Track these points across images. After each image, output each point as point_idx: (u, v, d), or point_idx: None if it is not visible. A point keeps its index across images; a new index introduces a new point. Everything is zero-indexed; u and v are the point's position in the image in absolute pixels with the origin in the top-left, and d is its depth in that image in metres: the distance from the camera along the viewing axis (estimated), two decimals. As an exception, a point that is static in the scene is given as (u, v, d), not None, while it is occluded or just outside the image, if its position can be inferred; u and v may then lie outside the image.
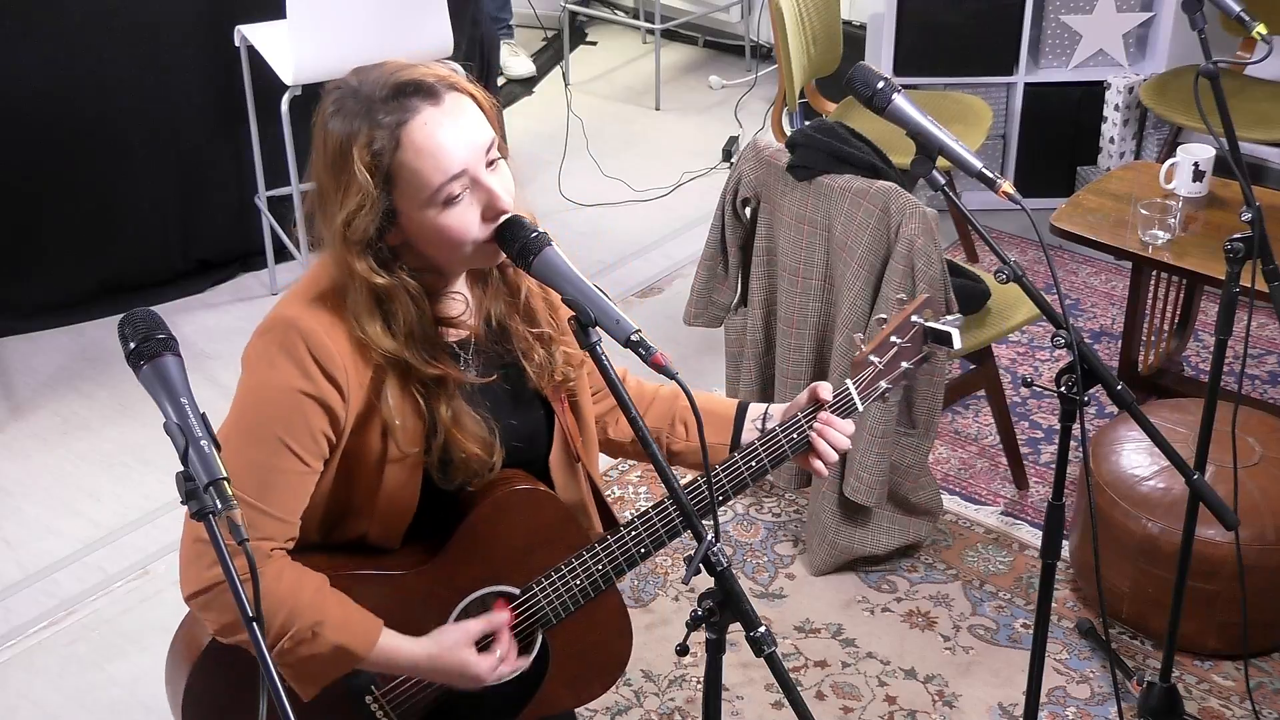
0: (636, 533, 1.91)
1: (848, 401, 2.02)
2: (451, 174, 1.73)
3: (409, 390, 1.81)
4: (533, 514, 1.93)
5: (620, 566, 1.92)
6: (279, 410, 1.77)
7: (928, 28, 4.70)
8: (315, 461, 1.80)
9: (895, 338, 2.03)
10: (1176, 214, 3.40)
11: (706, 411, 2.05)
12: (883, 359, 2.03)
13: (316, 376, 1.76)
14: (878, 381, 2.04)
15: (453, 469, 1.87)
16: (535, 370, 1.92)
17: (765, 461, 1.96)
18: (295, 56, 3.88)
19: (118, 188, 4.31)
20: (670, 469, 1.65)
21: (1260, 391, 3.93)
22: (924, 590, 3.27)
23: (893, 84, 1.98)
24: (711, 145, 5.38)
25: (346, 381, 1.78)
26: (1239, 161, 2.34)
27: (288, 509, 1.81)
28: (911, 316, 2.03)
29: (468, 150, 1.75)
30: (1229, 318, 2.46)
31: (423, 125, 1.72)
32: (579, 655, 2.01)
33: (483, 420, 1.87)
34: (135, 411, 3.86)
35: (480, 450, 1.86)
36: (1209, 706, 2.94)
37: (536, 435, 1.98)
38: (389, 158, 1.72)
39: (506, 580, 1.94)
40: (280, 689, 1.33)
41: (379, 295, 1.77)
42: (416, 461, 1.85)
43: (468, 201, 1.75)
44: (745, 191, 3.27)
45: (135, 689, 3.06)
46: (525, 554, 1.93)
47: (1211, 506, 2.13)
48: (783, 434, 1.97)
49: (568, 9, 5.99)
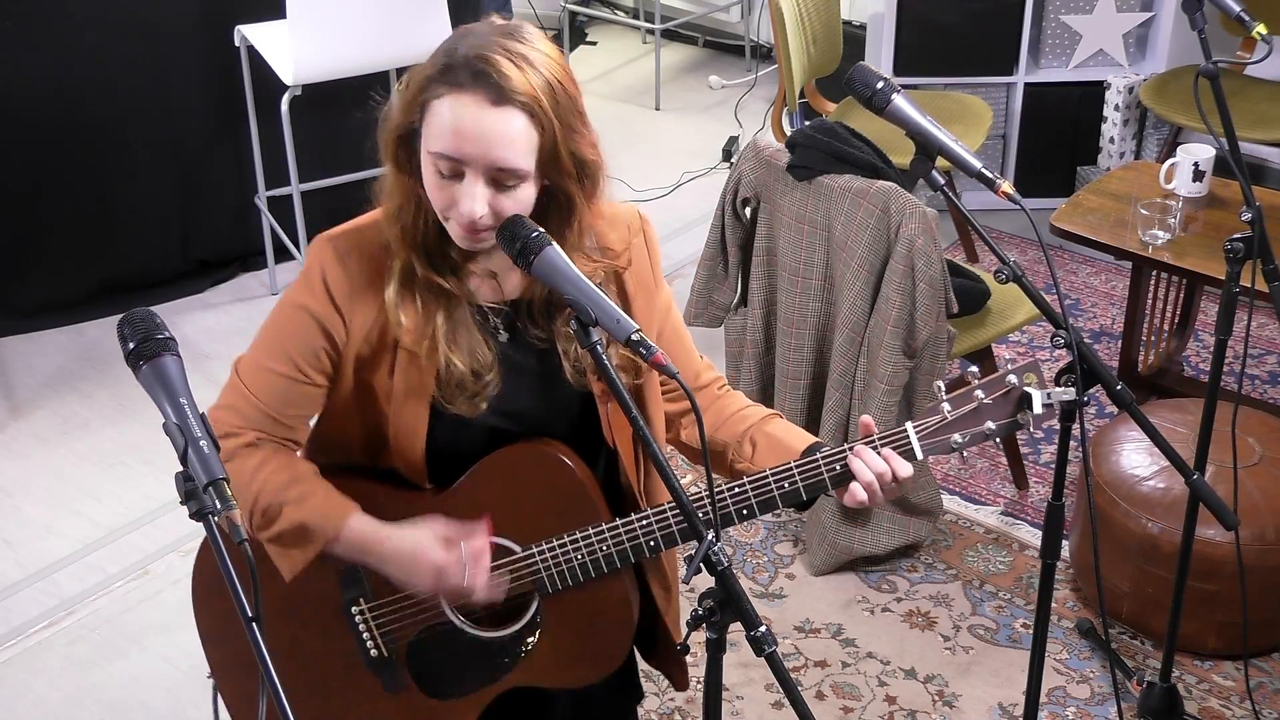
0: (647, 524, 1.90)
1: (904, 444, 1.90)
2: (440, 151, 1.75)
3: (411, 291, 1.86)
4: (547, 478, 1.93)
5: (626, 553, 1.91)
6: (287, 323, 1.90)
7: (928, 28, 4.70)
8: (316, 376, 1.89)
9: (981, 393, 1.89)
10: (1176, 214, 3.40)
11: (777, 440, 2.02)
12: (957, 411, 1.89)
13: (324, 299, 1.86)
14: (948, 433, 1.90)
15: (443, 383, 1.88)
16: (570, 364, 1.92)
17: (799, 484, 1.89)
18: (295, 56, 3.88)
19: (118, 188, 4.31)
20: (673, 471, 1.65)
21: (1260, 391, 3.93)
22: (924, 590, 3.27)
23: (892, 84, 1.98)
24: (711, 145, 5.38)
25: (351, 310, 1.86)
26: (1239, 161, 2.34)
27: (285, 413, 1.91)
28: (1009, 376, 1.90)
29: (474, 148, 1.75)
30: (1229, 318, 2.46)
31: (464, 104, 1.74)
32: (571, 634, 2.00)
33: (484, 343, 1.89)
34: (135, 411, 3.87)
35: (466, 366, 1.87)
36: (1209, 706, 2.94)
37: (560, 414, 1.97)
38: (432, 94, 1.76)
39: (510, 535, 1.94)
40: (280, 689, 1.33)
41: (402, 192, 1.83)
42: (420, 368, 1.87)
43: (453, 182, 1.78)
44: (745, 191, 3.27)
45: (135, 689, 3.06)
46: (533, 515, 1.93)
47: (1211, 506, 2.13)
48: (823, 462, 1.89)
49: (568, 9, 5.99)
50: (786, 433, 2.04)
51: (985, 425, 1.90)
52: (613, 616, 2.01)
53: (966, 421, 1.90)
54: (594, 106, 6.23)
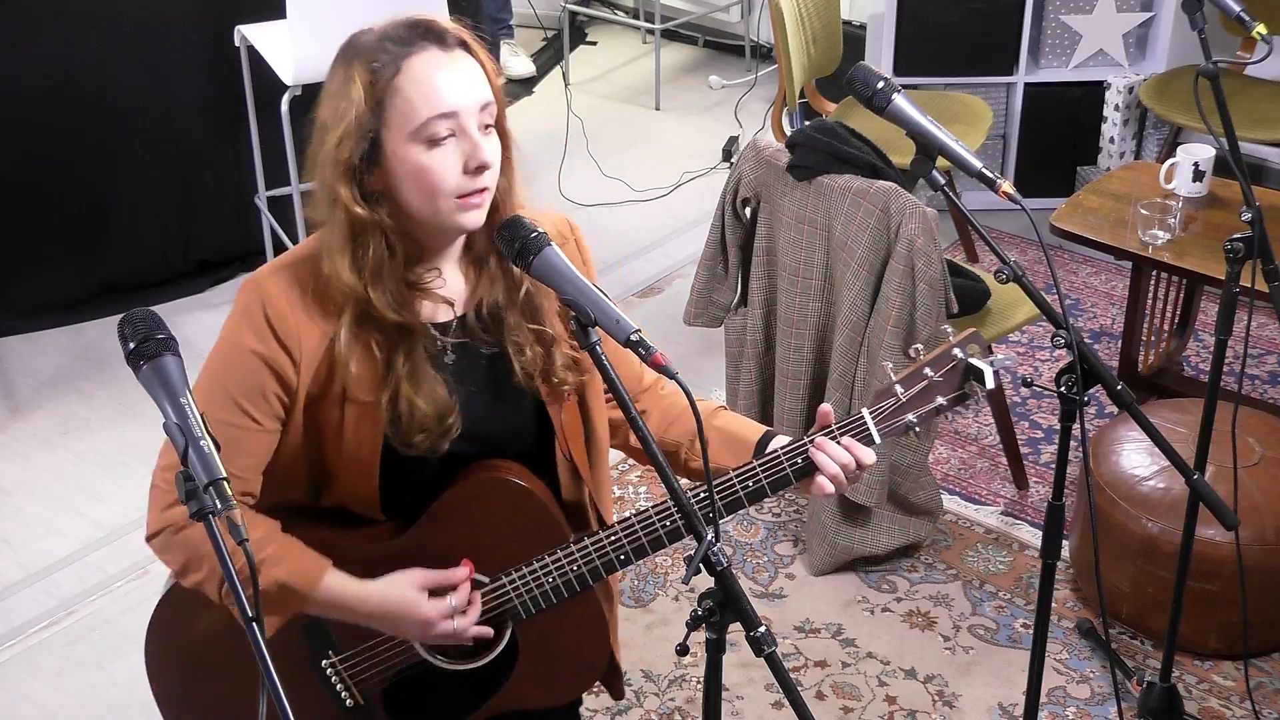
0: (616, 538, 1.89)
1: (863, 431, 1.90)
2: (441, 110, 1.74)
3: (366, 335, 1.81)
4: (508, 505, 1.91)
5: (596, 570, 1.90)
6: (233, 369, 1.84)
7: (928, 28, 4.70)
8: (268, 421, 1.84)
9: (930, 370, 1.90)
10: (1176, 214, 3.40)
11: (729, 434, 2.01)
12: (909, 391, 1.90)
13: (268, 338, 1.81)
14: (902, 414, 1.91)
15: (404, 428, 1.85)
16: (522, 364, 1.90)
17: (764, 482, 1.89)
18: (295, 56, 3.88)
19: (118, 188, 4.31)
20: (671, 471, 1.64)
21: (1260, 391, 3.93)
22: (924, 590, 3.27)
23: (893, 84, 1.98)
24: (711, 145, 5.38)
25: (299, 347, 1.81)
26: (1239, 161, 2.34)
27: (239, 465, 1.85)
28: (954, 350, 1.92)
29: (464, 96, 1.75)
30: (1229, 318, 2.46)
31: (425, 60, 1.74)
32: (551, 653, 1.98)
33: (442, 383, 1.85)
34: (135, 411, 3.87)
35: (430, 409, 1.83)
36: (1209, 706, 2.94)
37: (516, 430, 1.96)
38: (386, 80, 1.74)
39: (476, 567, 1.92)
40: (280, 689, 1.33)
41: (355, 228, 1.78)
42: (375, 415, 1.84)
43: (451, 147, 1.76)
44: (745, 191, 3.27)
45: (135, 689, 3.06)
46: (498, 544, 1.91)
47: (1211, 506, 2.13)
48: (785, 457, 1.90)
49: (568, 9, 5.99)
50: (738, 425, 2.04)
51: (936, 401, 1.92)
52: (589, 628, 2.00)
53: (919, 401, 1.92)
54: (594, 106, 6.19)
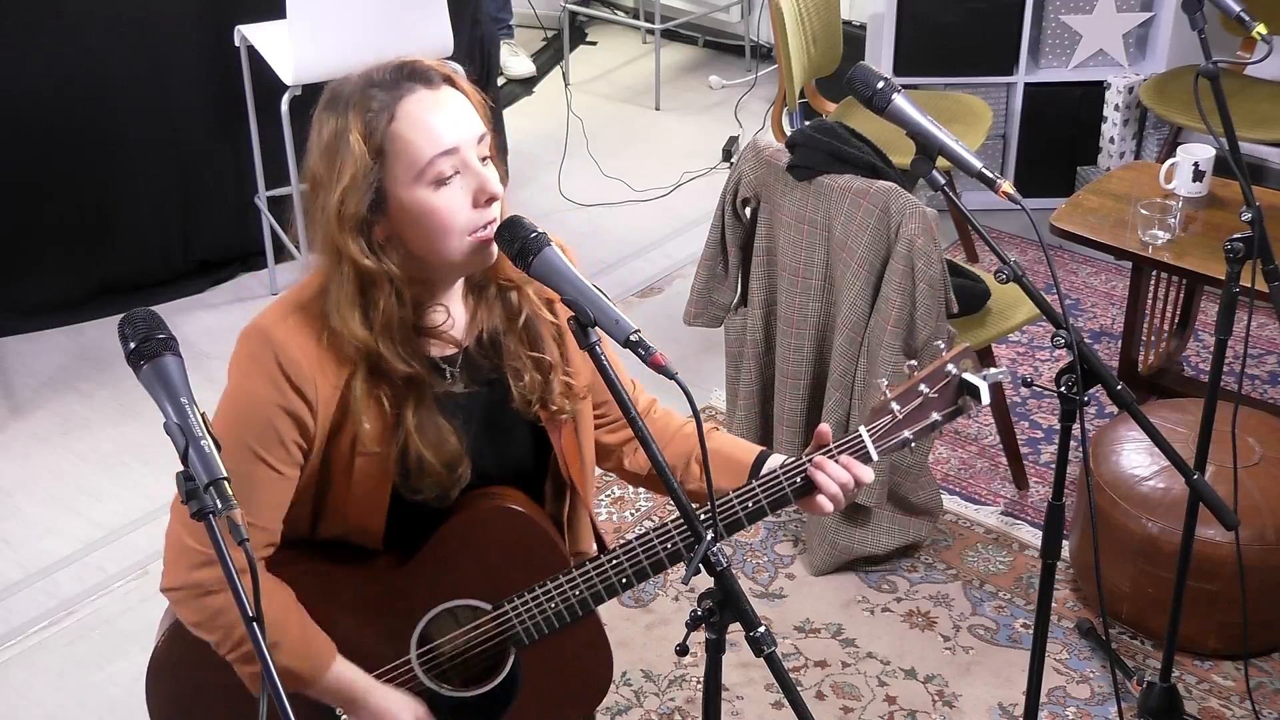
0: (618, 562, 1.89)
1: (860, 449, 1.92)
2: (443, 148, 1.74)
3: (378, 389, 1.81)
4: (510, 533, 1.91)
5: (599, 594, 1.90)
6: (251, 420, 1.80)
7: (928, 28, 4.70)
8: (289, 469, 1.83)
9: (925, 386, 1.90)
10: (1176, 214, 3.40)
11: (725, 456, 2.01)
12: (905, 407, 1.91)
13: (284, 388, 1.78)
14: (899, 431, 1.91)
15: (414, 477, 1.85)
16: (520, 391, 1.89)
17: (763, 503, 1.89)
18: (295, 56, 3.88)
19: (118, 188, 4.31)
20: (679, 485, 1.64)
21: (1260, 391, 3.93)
22: (924, 590, 3.27)
23: (893, 84, 1.98)
24: (711, 145, 5.38)
25: (315, 393, 1.79)
26: (1239, 161, 2.34)
27: (263, 516, 1.83)
28: (948, 366, 1.91)
29: (461, 131, 1.76)
30: (1229, 318, 2.46)
31: (418, 101, 1.74)
32: (554, 678, 1.98)
33: (452, 432, 1.85)
34: (135, 411, 3.87)
35: (439, 461, 1.84)
36: (1209, 706, 2.94)
37: (516, 459, 1.96)
38: (383, 129, 1.73)
39: (478, 595, 1.92)
40: (280, 690, 1.33)
41: (364, 282, 1.77)
42: (385, 463, 1.84)
43: (458, 185, 1.76)
44: (745, 191, 3.27)
45: (135, 689, 3.04)
46: (500, 572, 1.91)
47: (1211, 506, 2.13)
48: (784, 477, 1.90)
49: (568, 9, 5.99)
50: (733, 446, 2.04)
51: (931, 418, 1.92)
52: (592, 649, 2.00)
53: (915, 417, 1.92)
54: (594, 106, 6.19)
